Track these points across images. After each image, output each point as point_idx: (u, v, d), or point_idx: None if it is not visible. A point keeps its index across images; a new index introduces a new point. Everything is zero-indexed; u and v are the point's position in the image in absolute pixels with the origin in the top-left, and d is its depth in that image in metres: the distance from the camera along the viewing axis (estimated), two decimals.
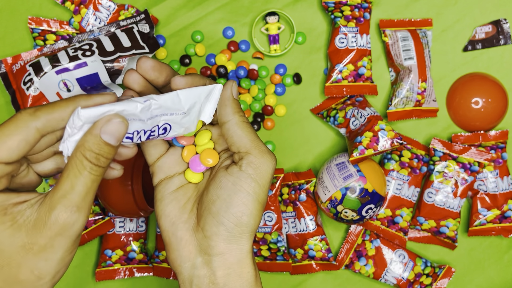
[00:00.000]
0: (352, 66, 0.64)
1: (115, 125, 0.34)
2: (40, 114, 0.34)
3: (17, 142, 0.33)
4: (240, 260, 0.39)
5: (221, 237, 0.39)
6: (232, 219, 0.39)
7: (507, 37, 0.67)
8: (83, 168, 0.34)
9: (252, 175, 0.39)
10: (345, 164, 0.60)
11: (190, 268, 0.40)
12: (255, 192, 0.39)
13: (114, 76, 0.60)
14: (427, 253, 0.67)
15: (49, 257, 0.34)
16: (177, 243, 0.40)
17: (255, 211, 0.39)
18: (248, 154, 0.40)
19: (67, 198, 0.33)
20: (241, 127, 0.40)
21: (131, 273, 0.64)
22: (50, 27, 0.65)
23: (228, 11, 0.67)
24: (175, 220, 0.41)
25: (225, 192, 0.39)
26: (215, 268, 0.39)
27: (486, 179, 0.64)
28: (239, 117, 0.40)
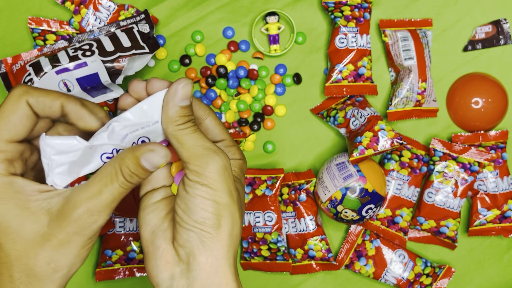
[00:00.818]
0: (352, 66, 0.64)
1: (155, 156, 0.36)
2: (33, 92, 0.36)
3: (19, 118, 0.35)
4: (217, 270, 0.38)
5: (194, 244, 0.38)
6: (197, 225, 0.37)
7: (507, 37, 0.67)
8: (116, 179, 0.35)
9: (200, 181, 0.37)
10: (345, 164, 0.60)
11: (168, 279, 0.38)
12: (210, 195, 0.37)
13: (114, 76, 0.60)
14: (427, 253, 0.67)
15: (65, 251, 0.35)
16: (154, 252, 0.39)
17: (220, 213, 0.38)
18: (188, 164, 0.38)
19: (92, 202, 0.35)
20: (175, 137, 0.38)
21: (131, 273, 0.64)
22: (50, 27, 0.65)
23: (228, 11, 0.67)
24: (155, 229, 0.40)
25: (182, 200, 0.38)
26: (194, 278, 0.38)
27: (486, 179, 0.64)
28: (173, 127, 0.38)
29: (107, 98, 0.61)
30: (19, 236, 0.34)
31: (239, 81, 0.66)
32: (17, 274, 0.34)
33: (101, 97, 0.61)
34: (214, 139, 0.43)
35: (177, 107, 0.38)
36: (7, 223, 0.34)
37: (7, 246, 0.34)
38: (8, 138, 0.34)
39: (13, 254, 0.34)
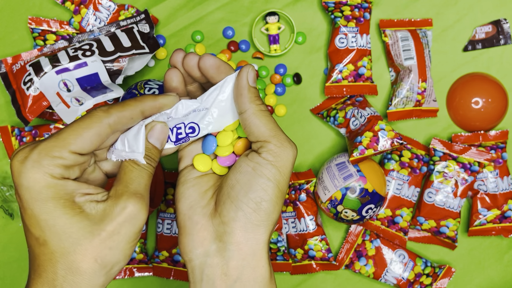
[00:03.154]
0: (352, 66, 0.64)
1: (158, 129, 0.39)
2: (113, 112, 0.37)
3: (91, 135, 0.36)
4: (255, 252, 0.38)
5: (239, 223, 0.38)
6: (251, 204, 0.38)
7: (507, 37, 0.67)
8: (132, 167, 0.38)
9: (273, 162, 0.38)
10: (345, 164, 0.60)
11: (202, 255, 0.39)
12: (276, 179, 0.38)
13: (114, 76, 0.60)
14: (427, 253, 0.67)
15: (113, 245, 0.36)
16: (192, 227, 0.39)
17: (275, 198, 0.38)
18: (267, 143, 0.39)
19: (130, 188, 0.37)
20: (258, 116, 0.39)
21: (131, 273, 0.64)
22: (50, 27, 0.65)
23: (228, 11, 0.67)
24: (194, 204, 0.40)
25: (245, 176, 0.38)
26: (229, 257, 0.38)
27: (486, 179, 0.64)
28: (256, 106, 0.39)
29: (107, 98, 0.61)
30: (65, 234, 0.35)
31: None
32: (62, 271, 0.35)
33: (101, 97, 0.61)
34: None
35: (252, 88, 0.39)
36: (54, 221, 0.35)
37: (52, 243, 0.35)
38: (74, 150, 0.36)
39: (59, 251, 0.35)
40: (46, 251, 0.35)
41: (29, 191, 0.34)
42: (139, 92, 0.60)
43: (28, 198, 0.35)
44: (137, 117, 0.38)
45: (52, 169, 0.35)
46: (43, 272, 0.35)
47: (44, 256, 0.35)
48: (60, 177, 0.35)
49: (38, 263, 0.35)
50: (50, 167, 0.35)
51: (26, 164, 0.35)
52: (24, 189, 0.35)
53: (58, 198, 0.35)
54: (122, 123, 0.38)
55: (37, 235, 0.35)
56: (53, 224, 0.35)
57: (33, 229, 0.35)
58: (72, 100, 0.60)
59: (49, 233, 0.35)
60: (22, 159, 0.35)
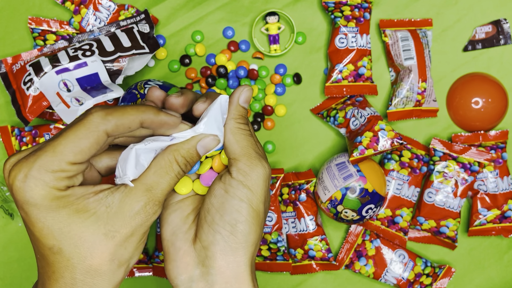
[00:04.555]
0: (352, 66, 0.64)
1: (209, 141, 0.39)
2: (111, 119, 0.35)
3: (89, 145, 0.35)
4: (237, 275, 0.38)
5: (218, 247, 0.38)
6: (227, 227, 0.38)
7: (507, 37, 0.67)
8: (172, 170, 0.37)
9: (243, 182, 0.38)
10: (345, 164, 0.60)
11: (187, 281, 0.39)
12: (248, 199, 0.38)
13: (114, 76, 0.60)
14: (427, 253, 0.67)
15: (128, 245, 0.36)
16: (175, 253, 0.39)
17: (251, 219, 0.38)
18: (237, 161, 0.39)
19: (152, 193, 0.36)
20: (233, 133, 0.40)
21: (131, 273, 0.64)
22: (50, 27, 0.65)
23: (228, 11, 0.67)
24: (176, 229, 0.40)
25: (219, 199, 0.39)
26: (213, 282, 0.38)
27: (486, 179, 0.64)
28: (235, 123, 0.40)
29: (107, 98, 0.61)
30: (81, 239, 0.35)
31: (239, 81, 0.66)
32: (80, 276, 0.35)
33: (101, 97, 0.61)
34: None
35: (240, 107, 0.40)
36: (69, 228, 0.34)
37: (68, 250, 0.35)
38: (72, 161, 0.35)
39: (76, 257, 0.35)
40: (62, 258, 0.35)
41: (37, 207, 0.34)
42: (139, 92, 0.60)
43: (37, 213, 0.34)
44: (135, 127, 0.37)
45: (56, 183, 0.34)
46: (60, 278, 0.35)
47: (60, 263, 0.35)
48: (65, 188, 0.35)
49: (53, 269, 0.35)
50: (53, 182, 0.34)
51: (28, 183, 0.34)
52: (31, 206, 0.34)
53: (69, 206, 0.35)
54: (120, 131, 0.36)
55: (50, 245, 0.35)
56: (68, 231, 0.34)
57: (45, 240, 0.35)
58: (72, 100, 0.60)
59: (64, 241, 0.35)
60: (22, 178, 0.34)
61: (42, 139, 0.63)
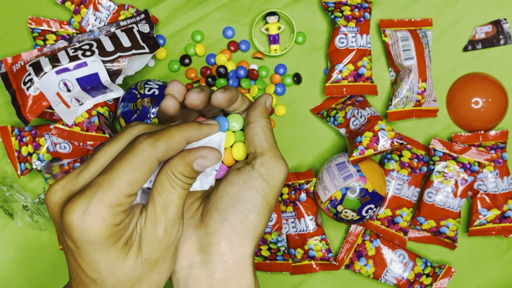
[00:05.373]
0: (352, 66, 0.64)
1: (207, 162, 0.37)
2: (160, 145, 0.35)
3: (144, 174, 0.34)
4: (240, 264, 0.38)
5: (224, 235, 0.38)
6: (238, 216, 0.38)
7: (507, 37, 0.67)
8: (176, 184, 0.36)
9: (264, 175, 0.39)
10: (345, 164, 0.60)
11: (186, 267, 0.39)
12: (265, 192, 0.39)
13: (114, 76, 0.60)
14: (427, 253, 0.67)
15: (161, 268, 0.36)
16: None
17: (263, 211, 0.39)
18: (263, 155, 0.40)
19: (169, 212, 0.35)
20: (263, 129, 0.41)
21: None
22: (50, 27, 0.65)
23: (228, 11, 0.67)
24: None
25: (235, 188, 0.39)
26: (214, 269, 0.38)
27: (486, 179, 0.64)
28: (265, 121, 0.41)
29: (107, 98, 0.61)
30: (124, 274, 0.35)
31: (239, 81, 0.66)
32: None
33: (101, 97, 0.61)
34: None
35: (267, 109, 0.42)
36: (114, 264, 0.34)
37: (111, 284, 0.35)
38: (129, 193, 0.34)
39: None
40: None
41: (91, 244, 0.33)
42: (139, 92, 0.60)
43: (90, 249, 0.34)
44: (182, 147, 0.36)
45: (113, 219, 0.33)
46: None
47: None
48: (120, 222, 0.34)
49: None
50: (111, 218, 0.33)
51: (86, 220, 0.33)
52: (86, 243, 0.33)
53: (118, 241, 0.34)
54: (169, 155, 0.36)
55: (94, 277, 0.35)
56: (113, 267, 0.34)
57: (90, 273, 0.35)
58: (72, 100, 0.60)
59: (108, 275, 0.34)
60: (80, 215, 0.33)
61: (42, 139, 0.63)
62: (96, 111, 0.62)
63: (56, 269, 0.66)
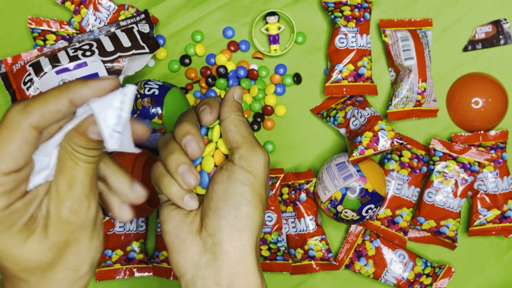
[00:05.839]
0: (352, 66, 0.64)
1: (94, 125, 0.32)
2: (32, 110, 0.31)
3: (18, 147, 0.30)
4: (244, 259, 0.39)
5: (224, 232, 0.39)
6: (231, 211, 0.39)
7: (507, 37, 0.67)
8: (78, 159, 0.32)
9: (245, 167, 0.40)
10: (345, 164, 0.60)
11: (193, 269, 0.40)
12: (250, 182, 0.40)
13: None
14: (427, 253, 0.67)
15: (75, 250, 0.34)
16: (180, 244, 0.40)
17: (254, 201, 0.40)
18: (239, 148, 0.41)
19: (74, 191, 0.32)
20: (235, 124, 0.42)
21: (131, 273, 0.64)
22: (50, 27, 0.65)
23: (228, 11, 0.67)
24: (180, 222, 0.41)
25: (221, 185, 0.40)
26: (220, 267, 0.39)
27: (486, 179, 0.64)
28: (235, 115, 0.42)
29: None
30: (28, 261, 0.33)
31: (239, 81, 0.66)
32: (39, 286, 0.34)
33: None
34: None
35: (236, 102, 0.43)
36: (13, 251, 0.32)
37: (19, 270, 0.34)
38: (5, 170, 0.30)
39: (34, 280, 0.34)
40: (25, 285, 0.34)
41: None
42: (139, 92, 0.60)
43: None
44: (66, 109, 0.32)
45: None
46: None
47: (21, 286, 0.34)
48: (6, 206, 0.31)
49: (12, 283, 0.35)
50: None
51: None
52: None
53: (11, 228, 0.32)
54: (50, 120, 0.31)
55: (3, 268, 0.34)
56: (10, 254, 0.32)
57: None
58: None
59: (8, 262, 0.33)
60: None
61: None
62: None
63: None
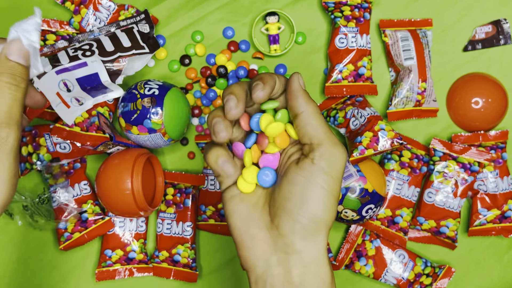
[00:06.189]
0: (352, 66, 0.64)
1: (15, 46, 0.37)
2: None
3: None
4: (316, 259, 0.38)
5: (297, 235, 0.38)
6: (307, 216, 0.37)
7: (507, 37, 0.67)
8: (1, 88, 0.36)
9: (325, 169, 0.38)
10: (345, 164, 0.60)
11: (264, 266, 0.39)
12: (329, 186, 0.38)
13: (114, 76, 0.60)
14: (427, 253, 0.67)
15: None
16: (250, 241, 0.39)
17: (330, 206, 0.38)
18: (320, 146, 0.38)
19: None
20: (315, 117, 0.38)
21: (131, 273, 0.64)
22: (50, 27, 0.65)
23: (228, 11, 0.67)
24: (247, 218, 0.40)
25: (298, 187, 0.38)
26: (291, 266, 0.38)
27: (486, 179, 0.64)
28: (313, 108, 0.39)
29: (107, 98, 0.61)
30: None
31: (239, 81, 0.66)
32: None
33: (101, 97, 0.61)
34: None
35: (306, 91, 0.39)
36: None
37: None
38: None
39: None
40: None
41: None
42: (139, 92, 0.60)
43: None
44: None
45: None
46: None
47: None
48: None
49: None
50: None
51: None
52: None
53: None
54: None
55: None
56: None
57: None
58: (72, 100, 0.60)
59: None
60: None
61: (42, 139, 0.63)
62: (96, 111, 0.62)
63: (56, 269, 0.66)
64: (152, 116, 0.59)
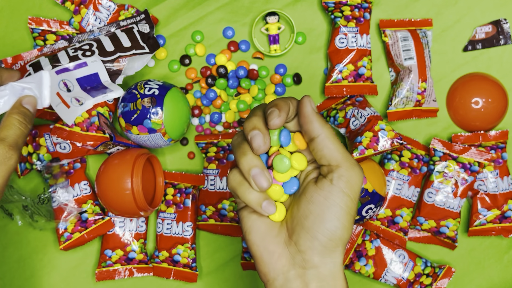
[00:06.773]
0: (352, 66, 0.64)
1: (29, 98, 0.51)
2: None
3: None
4: (333, 273, 0.40)
5: (315, 251, 0.39)
6: (326, 234, 0.39)
7: (507, 37, 0.67)
8: (13, 123, 0.49)
9: (344, 189, 0.39)
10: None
11: (282, 279, 0.40)
12: (347, 206, 0.39)
13: (114, 76, 0.60)
14: (427, 253, 0.67)
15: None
16: (269, 257, 0.40)
17: (348, 224, 0.39)
18: (339, 168, 0.39)
19: (5, 141, 0.47)
20: (331, 140, 0.40)
21: (131, 273, 0.64)
22: (50, 27, 0.65)
23: (228, 11, 0.67)
24: (265, 234, 0.41)
25: (318, 207, 0.39)
26: (309, 280, 0.40)
27: (486, 179, 0.64)
28: (328, 130, 0.40)
29: (107, 98, 0.61)
30: None
31: (239, 81, 0.66)
32: None
33: (101, 97, 0.61)
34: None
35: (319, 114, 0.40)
36: None
37: None
38: None
39: None
40: None
41: None
42: (139, 92, 0.60)
43: None
44: None
45: None
46: None
47: None
48: None
49: None
50: None
51: None
52: None
53: None
54: None
55: None
56: None
57: None
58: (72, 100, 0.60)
59: None
60: None
61: (42, 139, 0.63)
62: (96, 111, 0.62)
63: (56, 269, 0.66)
64: (152, 116, 0.59)
